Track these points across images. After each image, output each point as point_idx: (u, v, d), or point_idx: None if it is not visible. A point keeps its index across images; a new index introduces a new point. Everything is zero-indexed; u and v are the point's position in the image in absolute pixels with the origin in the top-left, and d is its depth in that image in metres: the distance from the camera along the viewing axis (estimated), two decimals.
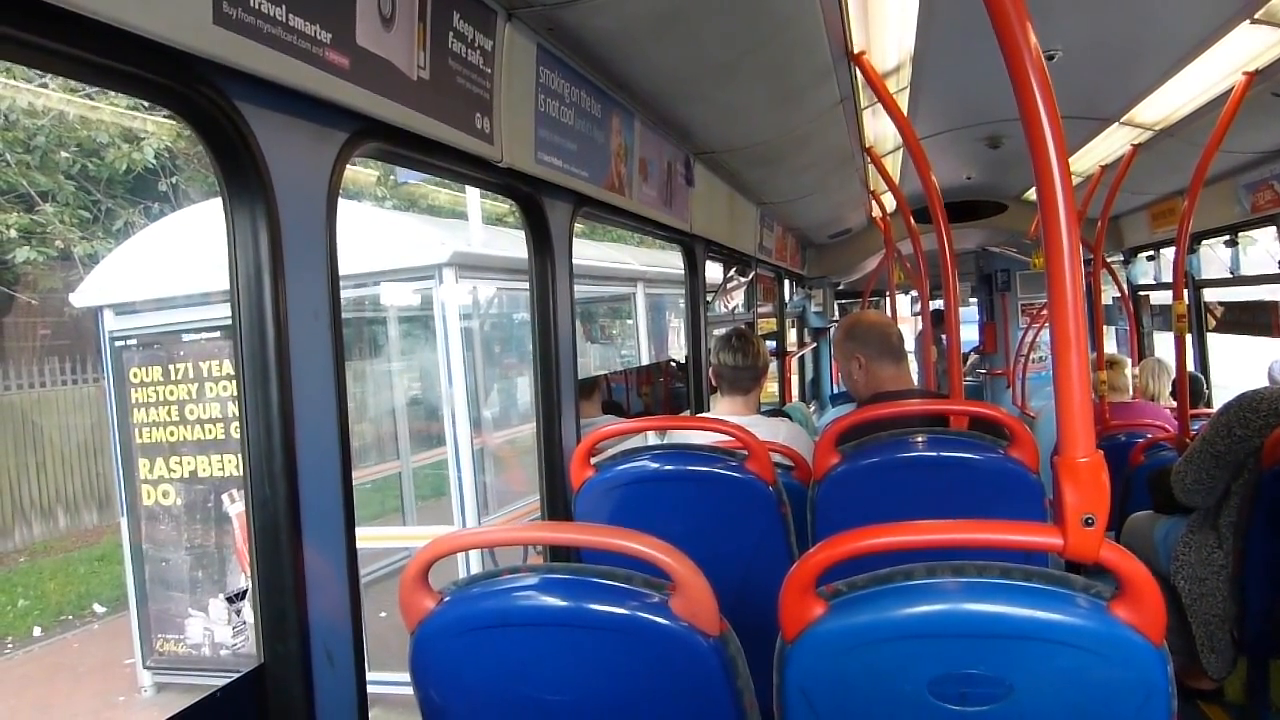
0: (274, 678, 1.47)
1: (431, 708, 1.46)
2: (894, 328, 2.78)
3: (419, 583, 1.42)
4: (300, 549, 1.46)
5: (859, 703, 1.26)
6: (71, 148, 8.68)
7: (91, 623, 8.07)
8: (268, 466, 1.43)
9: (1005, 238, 7.85)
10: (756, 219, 5.31)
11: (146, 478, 6.26)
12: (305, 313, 1.46)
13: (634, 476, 2.29)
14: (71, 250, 8.67)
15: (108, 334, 6.32)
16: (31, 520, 10.26)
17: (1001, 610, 1.20)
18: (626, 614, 1.33)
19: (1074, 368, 1.23)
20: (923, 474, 2.12)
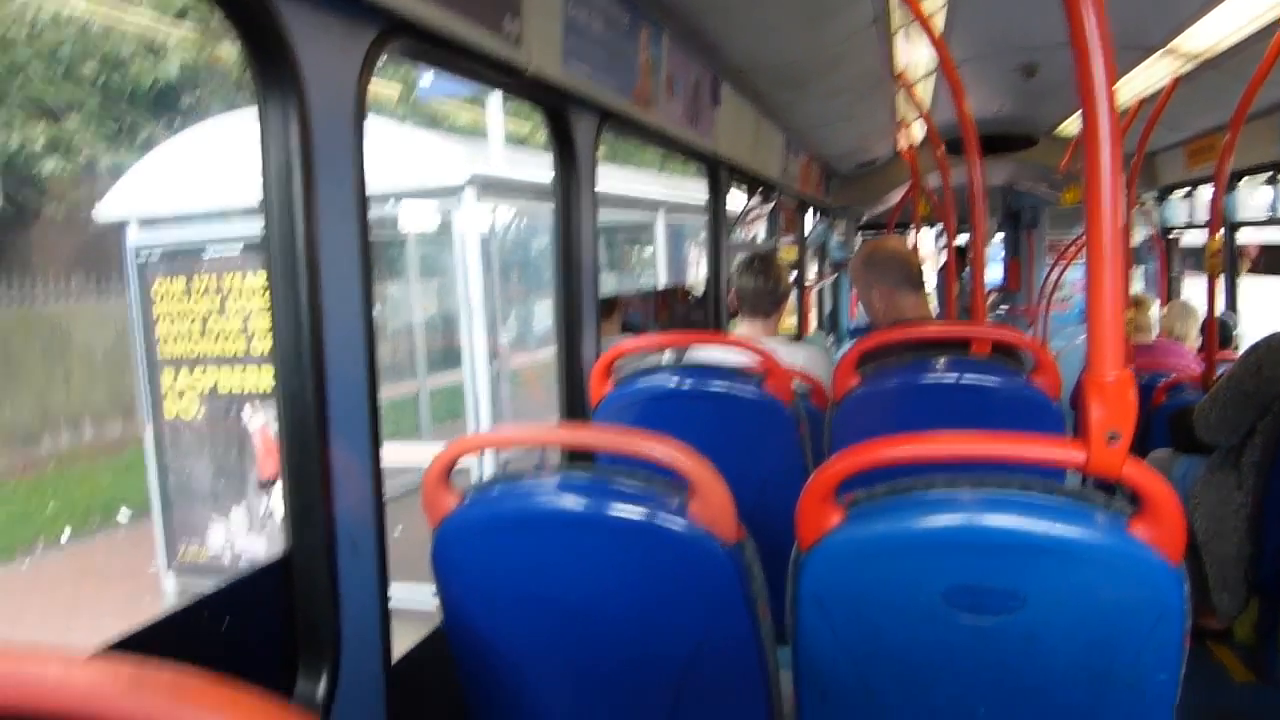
0: (300, 564, 1.50)
1: (452, 604, 1.48)
2: (913, 256, 2.74)
3: (441, 482, 1.43)
4: (326, 441, 1.47)
5: (872, 611, 1.26)
6: (96, 60, 8.56)
7: (117, 529, 8.21)
8: (296, 361, 1.44)
9: (1035, 173, 7.69)
10: (782, 145, 5.21)
11: (170, 389, 6.34)
12: (333, 211, 1.46)
13: (652, 393, 2.28)
14: (96, 164, 8.60)
15: (131, 247, 6.31)
16: (60, 429, 10.39)
17: (1019, 523, 1.18)
18: (645, 517, 1.33)
19: (1107, 283, 1.21)
20: (943, 398, 2.10)
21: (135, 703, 0.53)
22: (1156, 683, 1.19)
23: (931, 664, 1.26)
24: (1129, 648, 1.18)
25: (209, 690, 0.55)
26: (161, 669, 0.55)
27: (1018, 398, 2.03)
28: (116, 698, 0.54)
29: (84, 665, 0.56)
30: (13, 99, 8.41)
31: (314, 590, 1.50)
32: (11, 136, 8.20)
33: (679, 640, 1.39)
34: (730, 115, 3.88)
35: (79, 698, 0.54)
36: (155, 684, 0.54)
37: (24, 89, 8.45)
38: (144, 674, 0.55)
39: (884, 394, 2.13)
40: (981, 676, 1.25)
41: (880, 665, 1.29)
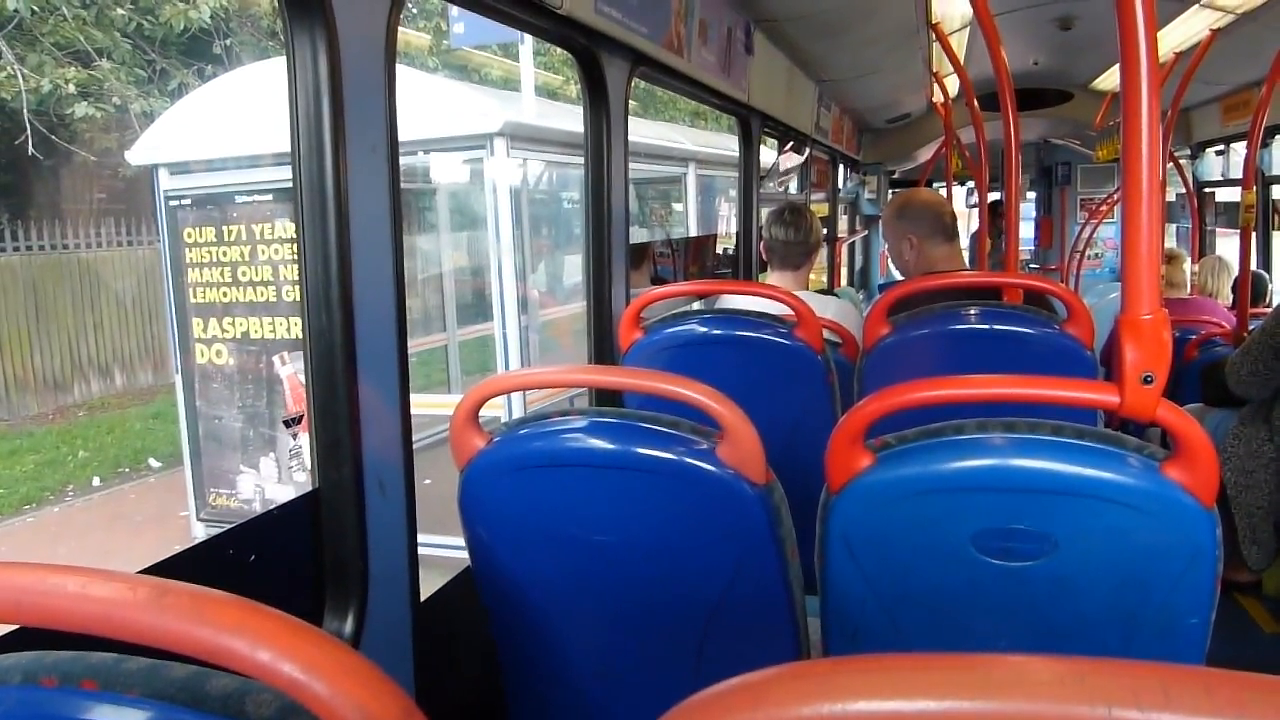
0: (328, 502, 1.51)
1: (479, 545, 1.49)
2: (946, 206, 2.71)
3: (469, 422, 1.43)
4: (355, 378, 1.47)
5: (901, 553, 1.26)
6: (128, 4, 8.52)
7: (147, 476, 8.32)
8: (324, 295, 1.44)
9: (1069, 128, 7.59)
10: (814, 97, 5.19)
11: (200, 337, 6.34)
12: (363, 146, 1.46)
13: (682, 339, 2.26)
14: (128, 108, 8.59)
15: (162, 193, 6.30)
16: (90, 377, 10.52)
17: (1050, 466, 1.18)
18: (673, 458, 1.33)
19: (1144, 221, 1.19)
20: (975, 346, 2.08)
21: (155, 618, 0.54)
22: (1188, 626, 1.18)
23: (960, 607, 1.26)
24: (1161, 591, 1.17)
25: (229, 607, 0.55)
26: (183, 586, 0.55)
27: (1051, 346, 2.01)
28: (137, 611, 0.54)
29: (104, 580, 0.56)
30: (44, 43, 8.38)
31: (342, 528, 1.50)
32: (43, 81, 8.18)
33: (707, 582, 1.40)
34: (763, 65, 3.85)
35: (99, 612, 0.55)
36: (176, 600, 0.55)
37: (56, 32, 8.42)
38: (165, 589, 0.55)
39: (915, 342, 2.11)
40: (1011, 620, 1.25)
41: (909, 608, 1.29)
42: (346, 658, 0.55)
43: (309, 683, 0.53)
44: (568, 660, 1.54)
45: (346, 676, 0.54)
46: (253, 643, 0.54)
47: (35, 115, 8.66)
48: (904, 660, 0.47)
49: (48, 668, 0.61)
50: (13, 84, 8.15)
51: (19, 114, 8.52)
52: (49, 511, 7.59)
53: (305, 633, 0.55)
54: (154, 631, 0.55)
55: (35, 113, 8.62)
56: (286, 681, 0.53)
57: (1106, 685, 0.43)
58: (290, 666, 0.53)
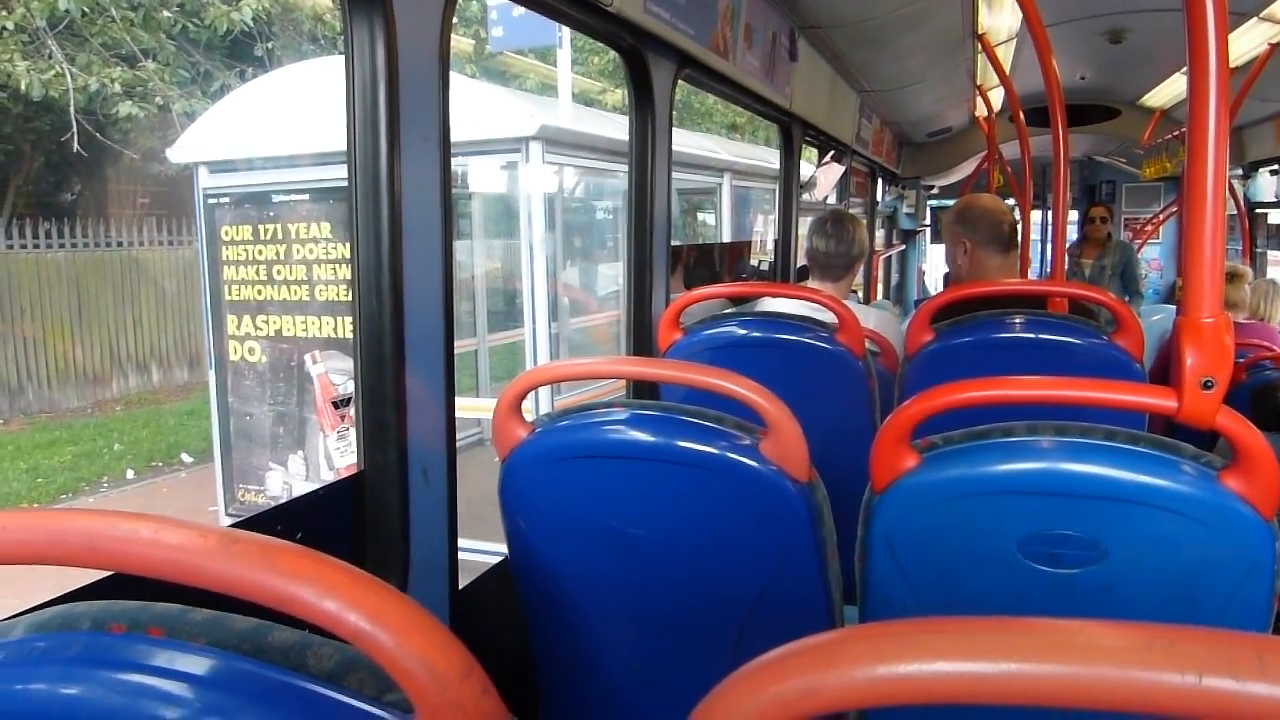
0: (372, 485, 1.52)
1: (518, 535, 1.49)
2: (1008, 215, 2.62)
3: (512, 412, 1.43)
4: (402, 364, 1.48)
5: (944, 556, 1.23)
6: (173, 6, 8.66)
7: (179, 470, 8.42)
8: (375, 280, 1.46)
9: (1115, 146, 7.48)
10: (855, 107, 5.16)
11: (234, 334, 6.40)
12: (417, 135, 1.48)
13: (721, 341, 2.25)
14: (170, 108, 8.72)
15: (201, 191, 6.36)
16: (128, 372, 10.69)
17: (1102, 471, 1.14)
18: (716, 453, 1.32)
19: (1208, 224, 1.16)
20: (1019, 355, 2.04)
21: (225, 565, 0.55)
22: None
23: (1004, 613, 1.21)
24: (1214, 604, 1.13)
25: (297, 556, 0.55)
26: (251, 535, 0.56)
27: (1099, 357, 1.95)
28: (206, 558, 0.55)
29: (175, 527, 0.57)
30: (92, 43, 8.52)
31: (385, 512, 1.52)
32: (90, 80, 8.31)
33: (746, 579, 1.38)
34: (806, 72, 3.85)
35: (170, 557, 0.56)
36: (245, 548, 0.55)
37: (103, 32, 8.56)
38: (234, 538, 0.56)
39: (958, 350, 2.08)
40: None
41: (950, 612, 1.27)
42: (412, 611, 0.55)
43: (374, 633, 0.53)
44: (601, 654, 1.53)
45: (411, 629, 0.54)
46: (320, 592, 0.54)
47: (83, 115, 8.80)
48: (985, 623, 0.46)
49: (116, 615, 0.63)
50: (60, 82, 8.28)
51: (66, 112, 8.66)
52: (84, 501, 7.71)
53: (372, 584, 0.55)
54: (223, 578, 0.55)
55: (83, 112, 8.76)
56: (351, 631, 0.53)
57: (1197, 652, 0.42)
58: (356, 616, 0.53)
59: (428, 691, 0.53)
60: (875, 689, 0.46)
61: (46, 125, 9.01)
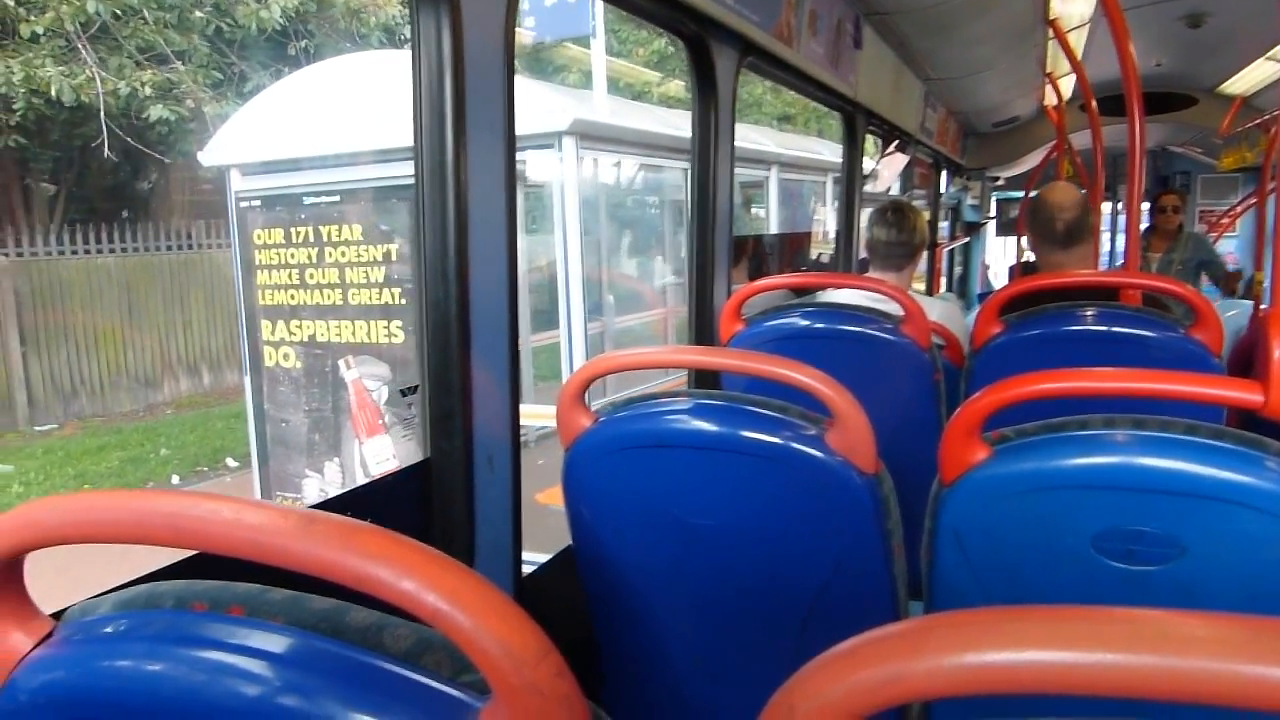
0: (438, 472, 1.55)
1: (581, 524, 1.51)
2: (1066, 211, 2.54)
3: (576, 402, 1.46)
4: (468, 352, 1.51)
5: (1014, 551, 1.22)
6: (206, 6, 8.57)
7: (224, 475, 8.40)
8: (441, 268, 1.48)
9: (1191, 135, 7.23)
10: (920, 96, 5.08)
11: (269, 339, 6.35)
12: (482, 124, 1.50)
13: (784, 332, 2.23)
14: (204, 110, 8.64)
15: (234, 194, 6.34)
16: (179, 375, 10.74)
17: (1182, 466, 1.12)
18: (780, 443, 1.32)
19: None
20: (1091, 349, 2.00)
21: (304, 545, 0.56)
22: None
23: None
24: None
25: (375, 537, 0.56)
26: (329, 516, 0.57)
27: (1175, 351, 1.90)
28: (286, 538, 0.57)
29: (255, 508, 0.58)
30: (126, 47, 8.48)
31: (451, 499, 1.55)
32: (120, 84, 8.26)
33: (810, 571, 1.38)
34: (871, 60, 3.79)
35: (251, 538, 0.57)
36: (324, 529, 0.56)
37: (137, 35, 8.51)
38: (313, 518, 0.57)
39: (1027, 342, 2.05)
40: None
41: None
42: (489, 592, 0.55)
43: (451, 613, 0.53)
44: (664, 643, 1.55)
45: (489, 610, 0.54)
46: (398, 572, 0.54)
47: (128, 120, 8.78)
48: (1076, 611, 0.44)
49: (198, 594, 0.66)
50: (92, 86, 8.24)
51: (111, 117, 8.63)
52: None
53: (449, 565, 0.56)
54: (303, 558, 0.56)
55: (126, 117, 8.73)
56: (430, 611, 0.53)
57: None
58: (434, 596, 0.53)
59: (505, 673, 0.54)
60: (961, 678, 0.44)
61: (93, 131, 9.00)
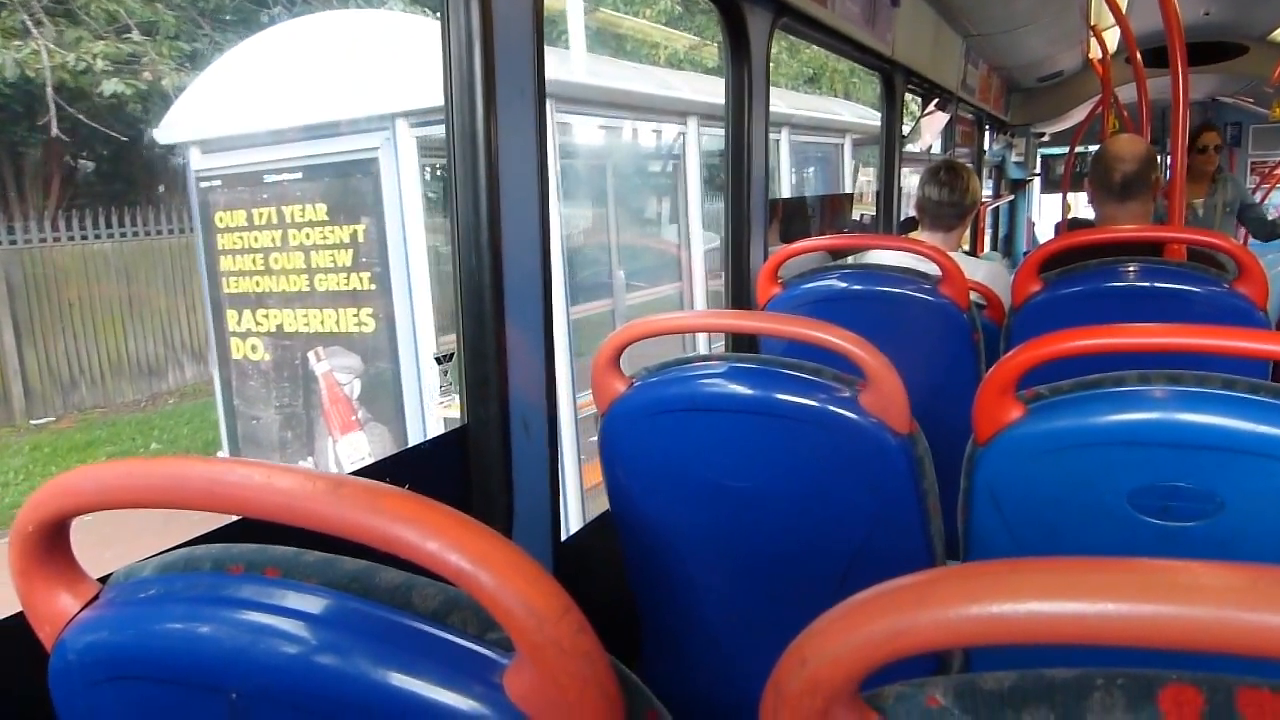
0: (475, 438, 1.61)
1: (617, 487, 1.58)
2: (1126, 160, 2.59)
3: (611, 366, 1.52)
4: (502, 320, 1.57)
5: (1050, 509, 1.25)
6: None
7: None
8: (475, 236, 1.54)
9: (1241, 85, 7.27)
10: (961, 53, 5.10)
11: (235, 330, 6.07)
12: (513, 89, 1.55)
13: (821, 294, 2.28)
14: (162, 85, 8.13)
15: (194, 173, 5.99)
16: (183, 362, 10.46)
17: (1220, 421, 1.14)
18: (815, 405, 1.37)
19: None
20: (1133, 305, 2.04)
21: (333, 508, 0.59)
22: None
23: None
24: None
25: (401, 499, 0.59)
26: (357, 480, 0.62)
27: (1219, 306, 1.95)
28: (315, 501, 0.60)
29: (285, 473, 0.62)
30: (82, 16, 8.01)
31: (488, 464, 1.61)
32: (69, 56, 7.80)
33: (846, 533, 1.44)
34: (909, 18, 3.85)
35: (282, 501, 0.61)
36: (352, 492, 0.60)
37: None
38: (341, 482, 0.60)
39: (1067, 300, 2.09)
40: None
41: None
42: (511, 553, 0.59)
43: (475, 573, 0.57)
44: (701, 606, 1.61)
45: (511, 570, 0.57)
46: (423, 533, 0.57)
47: (119, 101, 8.32)
48: (1081, 563, 0.46)
49: (234, 557, 0.71)
50: (54, 56, 7.78)
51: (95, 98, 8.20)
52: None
53: (473, 527, 0.59)
54: (331, 520, 0.59)
55: (118, 98, 8.28)
56: (454, 571, 0.57)
57: None
58: (458, 557, 0.57)
59: (527, 630, 0.57)
60: (967, 628, 0.46)
61: (82, 111, 8.59)
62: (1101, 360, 1.26)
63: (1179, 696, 0.49)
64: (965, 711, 0.54)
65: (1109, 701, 0.51)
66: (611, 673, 0.60)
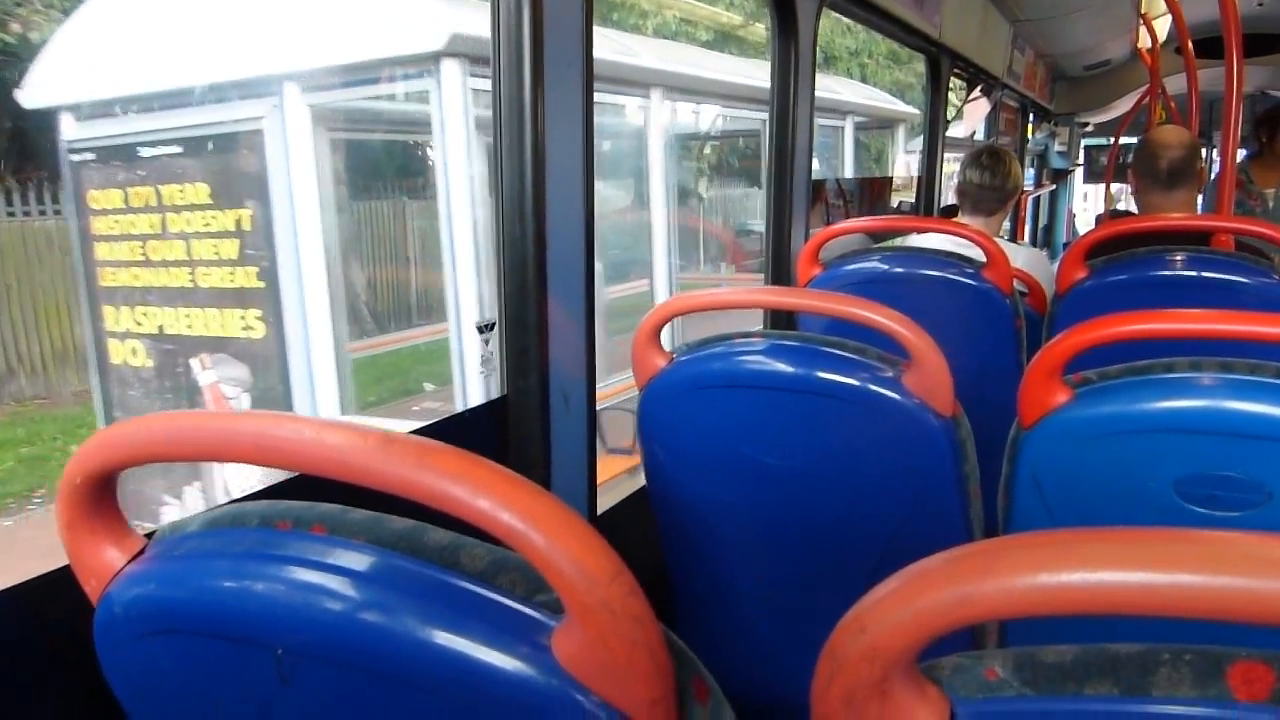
0: (514, 408, 1.69)
1: (655, 464, 1.67)
2: (1172, 150, 2.63)
3: (651, 342, 1.59)
4: (544, 291, 1.66)
5: (1095, 496, 1.29)
6: None
7: None
8: (519, 207, 1.61)
9: None
10: (1008, 38, 5.06)
11: (113, 330, 5.26)
12: (560, 62, 1.61)
13: (862, 276, 2.32)
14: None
15: (64, 144, 5.18)
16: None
17: (1271, 411, 1.17)
18: (857, 384, 1.43)
19: None
20: (1180, 295, 2.08)
21: (383, 463, 0.60)
22: None
23: None
24: None
25: (452, 456, 0.60)
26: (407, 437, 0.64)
27: (1269, 296, 2.01)
28: (366, 456, 0.60)
29: (335, 428, 0.63)
30: None
31: (527, 435, 1.70)
32: None
33: (885, 513, 1.51)
34: (956, 1, 3.90)
35: (333, 456, 0.61)
36: (402, 448, 0.61)
37: None
38: (391, 439, 0.62)
39: (1113, 288, 2.15)
40: None
41: None
42: (563, 513, 0.60)
43: (526, 532, 0.57)
44: (735, 583, 1.70)
45: (563, 529, 0.58)
46: (473, 490, 0.58)
47: None
48: (1153, 533, 0.47)
49: (281, 513, 0.73)
50: None
51: None
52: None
53: (524, 485, 0.60)
54: (382, 476, 0.60)
55: None
56: (504, 530, 0.57)
57: None
58: (509, 515, 0.57)
59: (577, 591, 0.58)
60: (1033, 598, 0.46)
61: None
62: (1150, 349, 1.32)
63: (1249, 673, 0.49)
64: (1025, 684, 0.53)
65: (1176, 677, 0.51)
66: (661, 638, 0.61)
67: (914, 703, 0.53)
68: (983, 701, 0.53)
